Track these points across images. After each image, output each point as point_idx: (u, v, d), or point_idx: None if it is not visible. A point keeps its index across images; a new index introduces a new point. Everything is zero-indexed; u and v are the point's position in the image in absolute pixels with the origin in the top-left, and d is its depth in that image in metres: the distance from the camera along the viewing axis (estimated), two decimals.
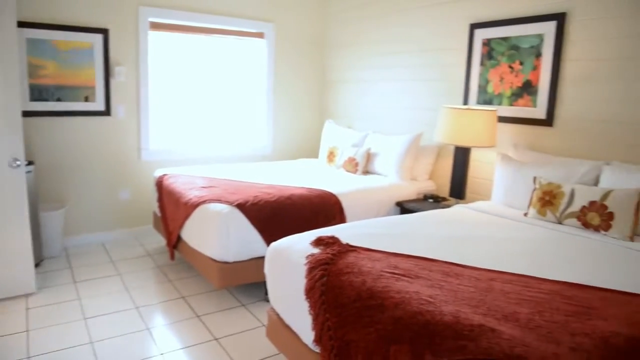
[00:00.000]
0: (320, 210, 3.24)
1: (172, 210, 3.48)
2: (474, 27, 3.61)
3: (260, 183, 3.57)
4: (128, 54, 4.14)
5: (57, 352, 2.49)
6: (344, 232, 2.33)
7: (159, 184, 3.77)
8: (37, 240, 3.49)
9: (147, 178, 4.39)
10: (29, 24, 3.65)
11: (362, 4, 4.72)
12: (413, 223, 2.61)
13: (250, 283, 3.20)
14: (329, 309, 1.82)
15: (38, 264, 3.58)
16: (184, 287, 3.37)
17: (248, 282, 3.05)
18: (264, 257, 2.67)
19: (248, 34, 4.79)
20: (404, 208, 3.59)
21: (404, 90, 4.30)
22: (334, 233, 2.28)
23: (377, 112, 4.63)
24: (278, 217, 3.06)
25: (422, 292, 1.67)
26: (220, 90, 4.77)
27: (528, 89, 3.30)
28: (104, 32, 3.96)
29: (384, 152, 4.00)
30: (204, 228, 3.02)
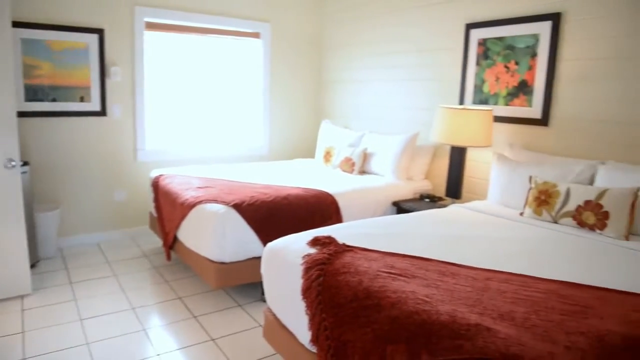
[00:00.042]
0: (317, 210, 3.24)
1: (168, 211, 3.48)
2: (470, 27, 3.62)
3: (257, 183, 3.56)
4: (124, 54, 4.12)
5: (53, 353, 2.48)
6: (341, 232, 2.33)
7: (155, 185, 3.76)
8: (32, 241, 3.48)
9: (143, 178, 4.38)
10: (24, 24, 3.63)
11: (358, 4, 4.72)
12: (409, 223, 2.61)
13: (247, 283, 3.20)
14: (326, 309, 1.82)
15: (33, 265, 3.57)
16: (181, 287, 3.36)
17: (244, 282, 3.05)
18: (261, 257, 2.67)
19: (244, 34, 4.79)
20: (401, 208, 3.60)
21: (400, 90, 4.30)
22: (331, 233, 2.28)
23: (373, 112, 4.63)
24: (274, 217, 3.06)
25: (418, 291, 1.68)
26: (217, 91, 4.76)
27: (524, 89, 3.31)
28: (100, 32, 3.95)
29: (381, 152, 4.01)
30: (201, 228, 3.01)
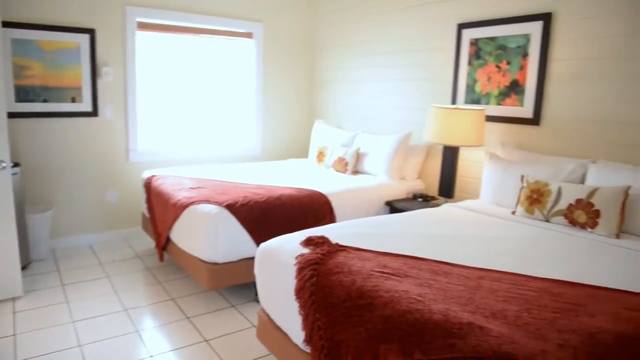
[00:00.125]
0: (310, 210, 3.24)
1: (160, 212, 3.46)
2: (462, 27, 3.64)
3: (250, 183, 3.56)
4: (115, 54, 4.10)
5: (45, 355, 2.46)
6: (334, 231, 2.33)
7: (148, 185, 3.74)
8: (23, 243, 3.45)
9: (135, 179, 4.36)
10: (14, 24, 3.59)
11: (350, 5, 4.73)
12: (402, 222, 2.62)
13: (240, 284, 3.19)
14: (319, 309, 1.82)
15: (25, 267, 3.54)
16: (174, 288, 3.35)
17: (238, 283, 3.04)
18: (254, 257, 2.66)
19: (236, 34, 4.78)
20: (394, 207, 3.60)
21: (393, 90, 4.31)
22: (324, 233, 2.28)
23: (366, 112, 4.64)
24: (267, 217, 3.06)
25: (411, 290, 1.68)
26: (209, 91, 4.75)
27: (515, 89, 3.33)
28: (91, 32, 3.93)
29: (374, 151, 4.02)
30: (193, 229, 3.00)
